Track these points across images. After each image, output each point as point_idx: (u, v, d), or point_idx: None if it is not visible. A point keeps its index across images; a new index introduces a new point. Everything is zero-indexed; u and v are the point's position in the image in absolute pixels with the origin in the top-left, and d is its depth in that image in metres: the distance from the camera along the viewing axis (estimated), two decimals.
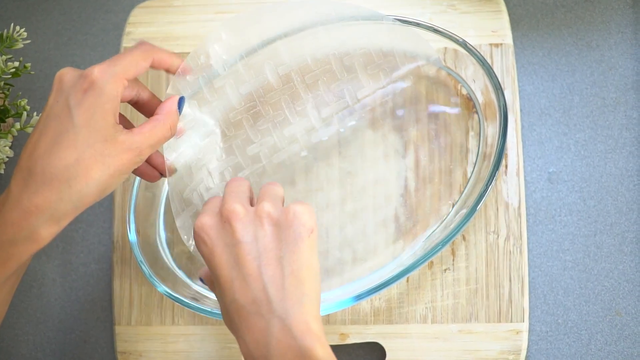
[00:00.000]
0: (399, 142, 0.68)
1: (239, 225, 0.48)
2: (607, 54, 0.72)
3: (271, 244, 0.47)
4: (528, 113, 0.71)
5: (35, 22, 0.78)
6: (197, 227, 0.49)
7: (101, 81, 0.48)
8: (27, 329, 0.72)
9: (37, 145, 0.48)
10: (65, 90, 0.48)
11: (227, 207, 0.49)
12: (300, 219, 0.48)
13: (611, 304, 0.68)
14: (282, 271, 0.47)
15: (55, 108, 0.48)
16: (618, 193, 0.69)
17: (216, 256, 0.48)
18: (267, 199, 0.50)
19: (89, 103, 0.48)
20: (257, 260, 0.47)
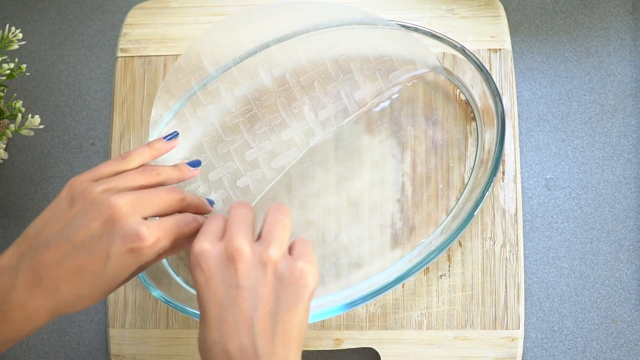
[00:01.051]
0: (396, 147, 0.68)
1: (242, 268, 0.46)
2: (606, 61, 0.72)
3: (269, 296, 0.46)
4: (526, 119, 0.71)
5: (31, 21, 0.77)
6: (196, 251, 0.48)
7: (148, 252, 0.48)
8: None
9: (62, 263, 0.47)
10: (114, 234, 0.47)
11: (234, 244, 0.47)
12: (306, 279, 0.47)
13: (607, 312, 0.68)
14: (274, 327, 0.46)
15: (96, 243, 0.47)
16: (615, 200, 0.69)
17: (210, 290, 0.47)
18: (275, 243, 0.48)
19: (127, 263, 0.47)
20: (253, 310, 0.46)
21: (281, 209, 0.51)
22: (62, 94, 0.75)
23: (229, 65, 0.66)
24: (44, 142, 0.75)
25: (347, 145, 0.68)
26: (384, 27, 0.65)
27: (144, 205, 0.49)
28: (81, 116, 0.75)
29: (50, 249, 0.47)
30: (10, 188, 0.74)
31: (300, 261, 0.47)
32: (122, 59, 0.72)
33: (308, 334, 0.66)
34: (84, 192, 0.49)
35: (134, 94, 0.71)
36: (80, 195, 0.49)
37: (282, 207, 0.51)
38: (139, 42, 0.72)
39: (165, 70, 0.72)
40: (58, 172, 0.74)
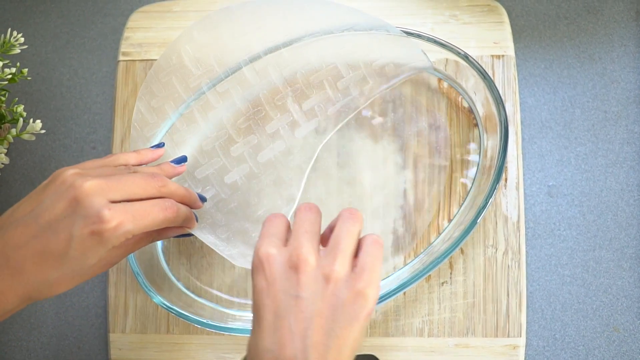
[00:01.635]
0: (398, 153, 0.68)
1: (305, 279, 0.45)
2: (610, 67, 0.71)
3: (327, 311, 0.45)
4: (529, 126, 0.71)
5: (33, 24, 0.77)
6: (262, 255, 0.47)
7: (110, 235, 0.47)
8: (21, 334, 0.72)
9: (27, 244, 0.47)
10: (77, 214, 0.46)
11: (300, 253, 0.46)
12: (366, 300, 0.46)
13: (609, 320, 0.68)
14: (327, 342, 0.45)
15: (60, 224, 0.47)
16: (618, 208, 0.69)
17: (269, 296, 0.45)
18: (340, 257, 0.47)
19: (89, 246, 0.47)
20: (308, 322, 0.44)
21: (353, 217, 0.49)
22: (64, 98, 0.75)
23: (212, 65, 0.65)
24: (45, 146, 0.74)
25: (348, 151, 0.68)
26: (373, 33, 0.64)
27: (112, 188, 0.48)
28: (82, 120, 0.75)
29: (18, 228, 0.47)
30: (11, 192, 0.74)
31: (362, 281, 0.46)
32: (123, 62, 0.72)
33: None
34: (58, 175, 0.49)
35: (135, 98, 0.71)
36: (53, 178, 0.49)
37: (354, 215, 0.49)
38: (141, 46, 0.72)
39: None
40: None
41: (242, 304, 0.67)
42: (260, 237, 0.48)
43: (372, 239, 0.49)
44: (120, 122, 0.71)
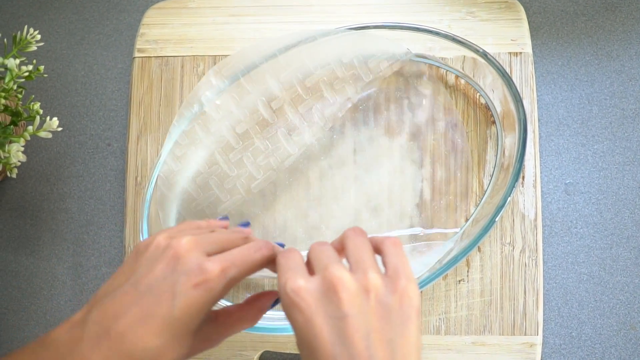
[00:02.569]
0: (415, 151, 0.68)
1: (346, 296, 0.43)
2: (628, 65, 0.71)
3: (378, 323, 0.43)
4: (546, 123, 0.70)
5: (48, 20, 0.77)
6: (290, 290, 0.44)
7: (216, 284, 0.45)
8: (37, 331, 0.72)
9: (128, 311, 0.45)
10: (179, 272, 0.45)
11: (332, 273, 0.44)
12: (411, 298, 0.44)
13: (626, 318, 0.68)
14: (392, 355, 0.42)
15: (161, 285, 0.45)
16: (635, 206, 0.69)
17: (316, 327, 0.43)
18: (369, 267, 0.45)
19: (195, 301, 0.45)
20: (366, 340, 0.42)
21: (359, 233, 0.49)
22: (79, 94, 0.75)
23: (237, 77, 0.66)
24: (60, 142, 0.74)
25: (365, 149, 0.68)
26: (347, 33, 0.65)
27: (205, 242, 0.47)
28: (98, 116, 0.75)
29: (116, 299, 0.45)
30: (26, 188, 0.74)
31: (400, 280, 0.45)
32: (139, 59, 0.72)
33: None
34: (148, 243, 0.48)
35: (151, 95, 0.71)
36: (145, 247, 0.48)
37: (359, 231, 0.49)
38: (157, 43, 0.72)
39: (182, 71, 0.71)
40: (74, 172, 0.74)
41: None
42: (280, 274, 0.46)
43: (390, 241, 0.48)
44: (136, 118, 0.71)
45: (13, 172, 0.65)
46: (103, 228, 0.73)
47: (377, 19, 0.70)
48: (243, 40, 0.71)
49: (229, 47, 0.71)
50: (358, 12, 0.71)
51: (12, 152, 0.63)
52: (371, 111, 0.68)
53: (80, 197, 0.73)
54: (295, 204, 0.68)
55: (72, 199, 0.73)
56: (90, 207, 0.73)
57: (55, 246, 0.73)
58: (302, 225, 0.67)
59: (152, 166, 0.69)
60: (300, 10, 0.72)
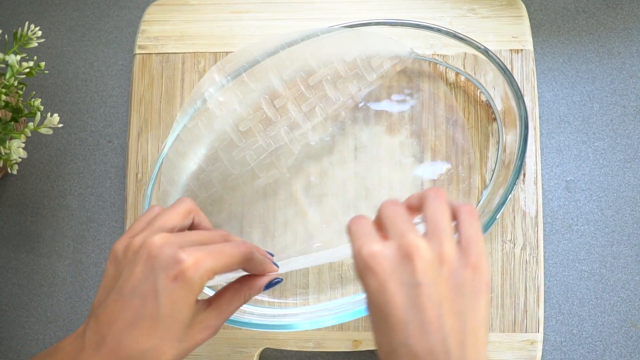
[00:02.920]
0: (416, 147, 0.68)
1: (421, 265, 0.43)
2: (629, 62, 0.71)
3: (450, 294, 0.43)
4: (547, 120, 0.70)
5: (48, 17, 0.77)
6: (367, 254, 0.44)
7: (192, 274, 0.45)
8: (37, 328, 0.72)
9: (118, 317, 0.46)
10: (156, 269, 0.45)
11: (409, 240, 0.44)
12: (482, 272, 0.44)
13: (627, 315, 0.68)
14: (463, 326, 0.43)
15: (143, 286, 0.46)
16: (636, 203, 0.69)
17: (388, 292, 0.43)
18: (445, 237, 0.45)
19: (176, 294, 0.45)
20: (438, 309, 0.42)
21: (439, 195, 0.47)
22: (79, 91, 0.75)
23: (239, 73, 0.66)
24: (60, 139, 0.74)
25: (366, 146, 0.68)
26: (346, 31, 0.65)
27: (180, 238, 0.48)
28: (98, 113, 0.75)
29: (107, 307, 0.46)
30: (27, 185, 0.74)
31: (473, 253, 0.45)
32: (140, 56, 0.72)
33: (326, 335, 0.66)
34: (125, 248, 0.48)
35: (151, 92, 0.71)
36: (122, 251, 0.48)
37: (440, 193, 0.47)
38: (157, 39, 0.72)
39: (183, 68, 0.71)
40: (75, 169, 0.74)
41: (258, 299, 0.67)
42: (355, 239, 0.46)
43: (466, 210, 0.47)
44: (137, 115, 0.71)
45: (14, 169, 0.65)
46: (103, 225, 0.73)
47: (378, 16, 0.70)
48: (244, 37, 0.71)
49: (230, 44, 0.71)
50: (359, 9, 0.71)
51: (12, 149, 0.63)
52: (372, 108, 0.68)
53: (80, 193, 0.73)
54: (296, 201, 0.68)
55: (72, 196, 0.73)
56: (91, 203, 0.73)
57: (55, 243, 0.73)
58: (303, 222, 0.67)
59: (152, 163, 0.69)
60: (301, 7, 0.72)
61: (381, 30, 0.66)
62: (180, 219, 0.51)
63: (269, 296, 0.67)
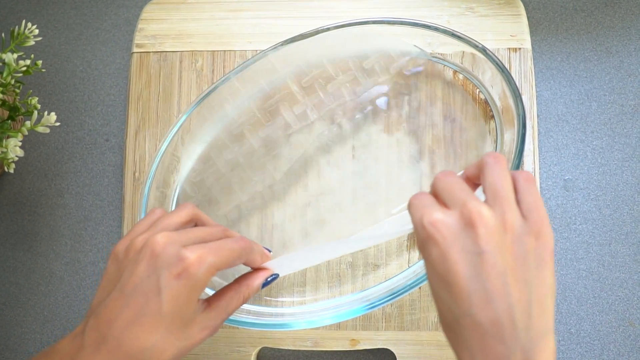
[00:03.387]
0: (414, 146, 0.68)
1: (484, 232, 0.41)
2: (627, 60, 0.71)
3: (514, 262, 0.41)
4: (545, 119, 0.70)
5: (46, 15, 0.76)
6: (429, 224, 0.42)
7: (196, 270, 0.46)
8: (34, 327, 0.72)
9: (120, 314, 0.46)
10: (159, 267, 0.46)
11: (471, 207, 0.42)
12: (546, 240, 0.42)
13: (625, 314, 0.67)
14: (529, 296, 0.41)
15: (145, 284, 0.46)
16: (634, 202, 0.69)
17: (450, 261, 0.41)
18: (508, 204, 0.43)
19: (179, 291, 0.45)
20: (503, 277, 0.41)
21: (499, 161, 0.45)
22: (77, 89, 0.75)
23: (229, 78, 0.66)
24: (58, 138, 0.74)
25: (364, 145, 0.68)
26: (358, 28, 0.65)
27: (182, 236, 0.48)
28: (96, 112, 0.74)
29: (108, 306, 0.46)
30: (24, 184, 0.74)
31: (536, 222, 0.43)
32: (137, 54, 0.71)
33: (323, 334, 0.66)
34: (127, 247, 0.48)
35: (149, 90, 0.71)
36: (124, 251, 0.48)
37: (500, 159, 0.45)
38: (155, 38, 0.72)
39: (181, 67, 0.71)
40: (72, 167, 0.74)
41: (256, 298, 0.67)
42: (415, 211, 0.44)
43: (524, 177, 0.45)
44: (134, 114, 0.71)
45: (11, 168, 0.64)
46: (101, 224, 0.73)
47: (376, 15, 0.70)
48: (242, 35, 0.71)
49: (227, 42, 0.71)
50: (357, 7, 0.71)
51: (9, 147, 0.63)
52: (370, 107, 0.68)
53: (78, 192, 0.73)
54: (294, 200, 0.68)
55: (70, 195, 0.73)
56: (88, 202, 0.73)
57: (53, 242, 0.73)
58: (300, 221, 0.67)
59: (150, 162, 0.69)
60: (299, 5, 0.72)
61: (379, 29, 0.66)
62: (183, 222, 0.51)
63: (267, 295, 0.67)
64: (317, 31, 0.65)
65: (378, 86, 0.68)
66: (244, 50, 0.71)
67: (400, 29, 0.66)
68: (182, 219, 0.51)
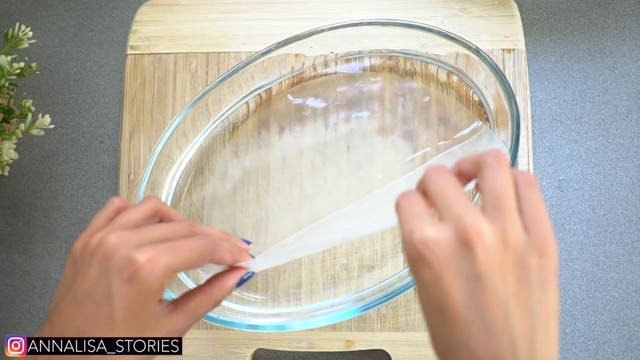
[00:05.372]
0: (408, 148, 0.68)
1: (483, 254, 0.36)
2: (620, 61, 0.71)
3: (516, 287, 0.37)
4: (539, 119, 0.70)
5: (40, 17, 0.76)
6: (420, 242, 0.37)
7: (147, 274, 0.41)
8: (29, 329, 0.72)
9: (72, 324, 0.42)
10: (110, 272, 0.41)
11: (468, 224, 0.37)
12: (550, 257, 0.38)
13: (619, 314, 0.68)
14: (532, 324, 0.36)
15: (97, 289, 0.41)
16: (628, 202, 0.69)
17: (445, 286, 0.37)
18: (509, 216, 0.38)
19: (132, 297, 0.41)
20: (504, 307, 0.36)
21: (501, 162, 0.39)
22: (71, 92, 0.75)
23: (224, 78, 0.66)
24: (52, 140, 0.74)
25: (358, 147, 0.68)
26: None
27: (138, 235, 0.43)
28: (90, 114, 0.74)
29: (62, 313, 0.43)
30: (18, 186, 0.74)
31: (540, 235, 0.38)
32: (132, 56, 0.71)
33: (319, 335, 0.66)
34: (83, 247, 0.44)
35: (143, 92, 0.71)
36: (80, 251, 0.44)
37: (501, 158, 0.39)
38: (149, 40, 0.72)
39: (175, 68, 0.71)
40: (67, 170, 0.74)
41: (252, 300, 0.67)
42: (404, 222, 0.39)
43: (526, 180, 0.40)
44: (129, 116, 0.70)
45: (5, 170, 0.64)
46: None
47: (370, 16, 0.70)
48: (236, 37, 0.71)
49: (221, 44, 0.71)
50: (351, 8, 0.71)
51: (4, 150, 0.63)
52: (364, 109, 0.68)
53: (73, 194, 0.73)
54: (288, 201, 0.68)
55: (64, 197, 0.73)
56: (83, 204, 0.73)
57: (48, 244, 0.73)
58: (293, 222, 0.67)
59: (145, 163, 0.69)
60: (293, 7, 0.72)
61: (373, 29, 0.66)
62: (146, 218, 0.47)
63: (262, 296, 0.67)
64: (311, 33, 0.65)
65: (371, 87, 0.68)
66: (238, 52, 0.71)
67: (394, 30, 0.66)
68: (143, 214, 0.46)
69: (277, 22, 0.71)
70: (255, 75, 0.67)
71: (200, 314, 0.47)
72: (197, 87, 0.70)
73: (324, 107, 0.66)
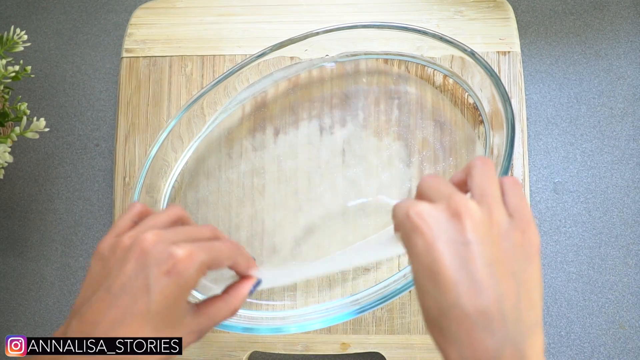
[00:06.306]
0: (403, 150, 0.68)
1: (470, 223, 0.41)
2: (616, 63, 0.71)
3: (502, 254, 0.41)
4: (534, 122, 0.70)
5: (35, 20, 0.76)
6: (415, 214, 0.41)
7: (186, 267, 0.44)
8: (25, 332, 0.72)
9: (105, 315, 0.44)
10: (148, 265, 0.44)
11: (459, 199, 0.41)
12: (532, 238, 0.42)
13: (615, 317, 0.68)
14: (517, 288, 0.40)
15: (133, 282, 0.44)
16: (624, 205, 0.69)
17: (437, 251, 0.40)
18: (495, 203, 0.42)
19: (169, 289, 0.44)
20: (489, 268, 0.40)
21: (487, 164, 0.45)
22: (67, 95, 0.75)
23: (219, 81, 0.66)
24: (48, 143, 0.74)
25: (354, 149, 0.68)
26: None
27: (172, 234, 0.46)
28: (86, 117, 0.74)
29: (92, 306, 0.44)
30: (14, 189, 0.74)
31: (522, 220, 0.42)
32: (127, 59, 0.71)
33: (314, 338, 0.66)
34: (113, 246, 0.47)
35: (139, 95, 0.71)
36: (110, 250, 0.47)
37: (487, 162, 0.45)
38: (145, 42, 0.72)
39: (170, 71, 0.71)
40: (62, 172, 0.74)
41: (247, 303, 0.67)
42: (399, 208, 0.43)
43: (510, 181, 0.45)
44: (124, 119, 0.70)
45: (0, 173, 0.64)
46: (91, 229, 0.73)
47: (365, 18, 0.70)
48: (231, 39, 0.71)
49: (217, 47, 0.71)
50: (346, 11, 0.71)
51: None
52: (360, 111, 0.68)
53: (68, 197, 0.73)
54: (284, 204, 0.68)
55: (60, 200, 0.73)
56: (79, 207, 0.73)
57: (43, 247, 0.73)
58: (290, 225, 0.67)
59: (140, 166, 0.69)
60: (288, 9, 0.72)
61: (367, 33, 0.66)
62: (171, 222, 0.50)
63: (257, 299, 0.67)
64: (306, 35, 0.65)
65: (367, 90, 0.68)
66: (234, 55, 0.71)
67: (389, 33, 0.66)
68: (170, 218, 0.50)
69: (272, 25, 0.71)
70: (250, 78, 0.67)
71: (218, 320, 0.49)
72: (192, 90, 0.70)
73: (319, 110, 0.66)
